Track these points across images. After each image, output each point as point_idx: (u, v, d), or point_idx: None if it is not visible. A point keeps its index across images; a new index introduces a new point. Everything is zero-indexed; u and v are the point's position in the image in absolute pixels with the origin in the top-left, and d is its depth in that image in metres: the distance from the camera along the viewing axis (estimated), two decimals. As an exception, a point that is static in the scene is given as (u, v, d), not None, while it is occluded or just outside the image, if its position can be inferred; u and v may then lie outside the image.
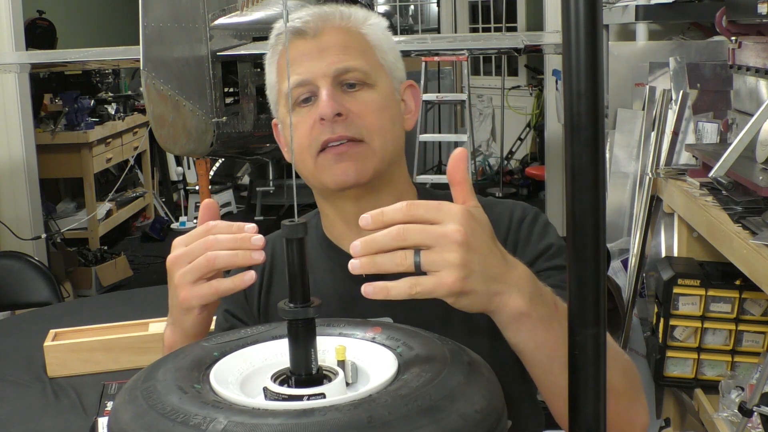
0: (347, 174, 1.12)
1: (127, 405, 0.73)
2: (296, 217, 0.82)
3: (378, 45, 1.18)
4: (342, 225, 1.20)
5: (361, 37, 1.17)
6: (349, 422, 0.66)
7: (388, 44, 1.21)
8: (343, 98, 1.13)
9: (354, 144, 1.12)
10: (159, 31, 3.02)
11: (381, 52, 1.19)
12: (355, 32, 1.17)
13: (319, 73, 1.12)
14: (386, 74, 1.19)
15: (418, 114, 1.25)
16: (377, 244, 0.81)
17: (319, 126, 1.12)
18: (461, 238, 0.80)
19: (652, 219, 2.43)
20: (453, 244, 0.80)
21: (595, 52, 0.63)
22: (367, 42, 1.17)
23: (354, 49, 1.15)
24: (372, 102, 1.14)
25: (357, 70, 1.13)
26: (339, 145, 1.12)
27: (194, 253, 0.93)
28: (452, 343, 0.82)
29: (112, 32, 6.88)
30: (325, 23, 1.15)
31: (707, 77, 2.45)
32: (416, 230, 0.80)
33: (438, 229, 0.80)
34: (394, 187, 1.19)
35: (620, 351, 1.01)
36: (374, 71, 1.16)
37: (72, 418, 1.77)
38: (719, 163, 1.84)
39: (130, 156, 6.00)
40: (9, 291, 2.89)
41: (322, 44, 1.14)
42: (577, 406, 0.68)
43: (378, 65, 1.17)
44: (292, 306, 0.78)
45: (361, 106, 1.13)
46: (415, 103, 1.25)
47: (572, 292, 0.67)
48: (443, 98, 6.04)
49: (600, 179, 0.65)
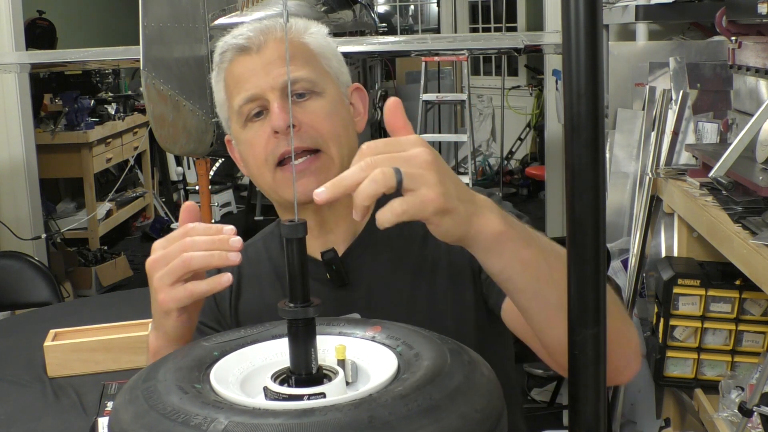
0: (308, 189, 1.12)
1: (127, 405, 0.74)
2: (296, 218, 0.82)
3: (321, 53, 1.20)
4: None
5: (303, 47, 1.19)
6: (350, 422, 0.66)
7: (331, 51, 1.22)
8: (294, 110, 1.14)
9: (313, 159, 1.14)
10: (159, 31, 3.02)
11: (325, 59, 1.21)
12: (297, 42, 1.19)
13: (267, 86, 1.14)
14: (332, 80, 1.20)
15: (366, 116, 1.27)
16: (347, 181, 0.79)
17: (274, 139, 1.14)
18: (430, 158, 0.80)
19: (652, 219, 2.43)
20: (425, 163, 0.79)
21: (595, 52, 0.63)
22: (310, 51, 1.19)
23: (298, 60, 1.17)
24: (322, 109, 1.16)
25: (303, 80, 1.15)
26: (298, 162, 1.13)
27: (171, 256, 0.94)
28: (452, 343, 0.82)
29: (112, 32, 6.87)
30: (266, 37, 1.17)
31: (707, 77, 2.45)
32: (385, 156, 0.79)
33: (406, 153, 0.80)
34: None
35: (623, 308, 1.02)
36: (320, 79, 1.17)
37: (72, 418, 1.77)
38: (719, 163, 1.84)
39: (130, 156, 6.00)
40: (9, 291, 2.89)
41: (266, 58, 1.15)
42: (577, 406, 0.68)
43: (324, 72, 1.19)
44: (292, 306, 0.79)
45: (312, 116, 1.15)
46: (362, 105, 1.27)
47: (572, 292, 0.67)
48: (443, 98, 6.04)
49: (600, 179, 0.65)
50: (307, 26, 1.23)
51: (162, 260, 0.95)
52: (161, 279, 0.94)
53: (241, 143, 1.20)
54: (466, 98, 5.55)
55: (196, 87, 3.15)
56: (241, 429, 0.66)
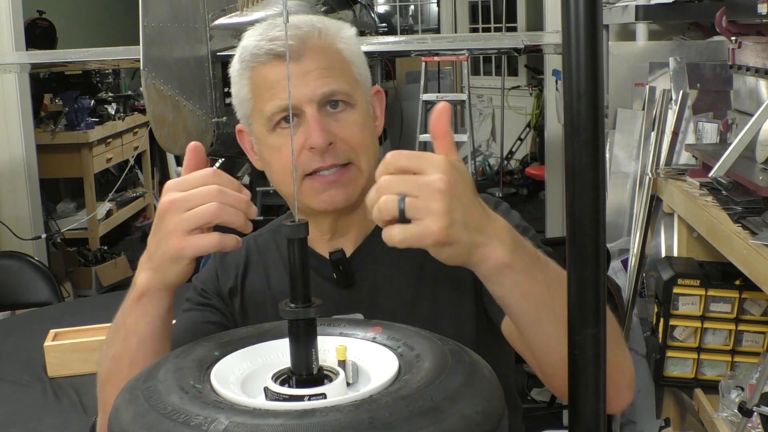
0: (335, 201, 1.15)
1: (128, 405, 0.74)
2: (296, 218, 0.82)
3: (353, 60, 1.19)
4: (314, 233, 1.22)
5: (338, 55, 1.17)
6: (351, 423, 0.66)
7: (360, 56, 1.21)
8: (329, 123, 1.13)
9: (344, 171, 1.14)
10: (159, 31, 3.02)
11: (356, 66, 1.19)
12: (333, 50, 1.17)
13: (304, 98, 1.13)
14: (362, 89, 1.20)
15: (383, 118, 1.26)
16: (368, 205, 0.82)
17: (308, 153, 1.13)
18: (444, 186, 0.80)
19: (652, 219, 2.43)
20: (436, 192, 0.80)
21: (595, 52, 0.63)
22: (344, 59, 1.18)
23: (335, 70, 1.15)
24: (355, 123, 1.16)
25: (340, 92, 1.14)
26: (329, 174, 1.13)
27: (195, 201, 0.89)
28: (453, 344, 0.82)
29: (112, 32, 6.88)
30: (304, 44, 1.14)
31: (707, 77, 2.45)
32: (400, 180, 0.81)
33: (421, 178, 0.80)
34: None
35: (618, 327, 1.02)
36: (353, 89, 1.17)
37: (72, 418, 1.77)
38: (719, 163, 1.84)
39: (130, 156, 6.00)
40: (9, 291, 2.89)
41: (304, 67, 1.13)
42: (577, 406, 0.68)
43: (355, 81, 1.18)
44: (293, 306, 0.79)
45: (346, 130, 1.14)
46: (381, 108, 1.26)
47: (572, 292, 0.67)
48: (443, 98, 6.04)
49: (600, 179, 0.65)
50: (339, 30, 1.20)
51: (183, 203, 0.89)
52: (180, 223, 0.89)
53: (266, 146, 1.18)
54: (466, 98, 5.55)
55: (196, 87, 3.15)
56: (242, 429, 0.66)
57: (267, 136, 1.17)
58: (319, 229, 1.22)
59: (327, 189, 1.14)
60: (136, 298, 0.99)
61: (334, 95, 1.14)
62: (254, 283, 1.25)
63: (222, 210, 0.88)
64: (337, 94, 1.14)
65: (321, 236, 1.22)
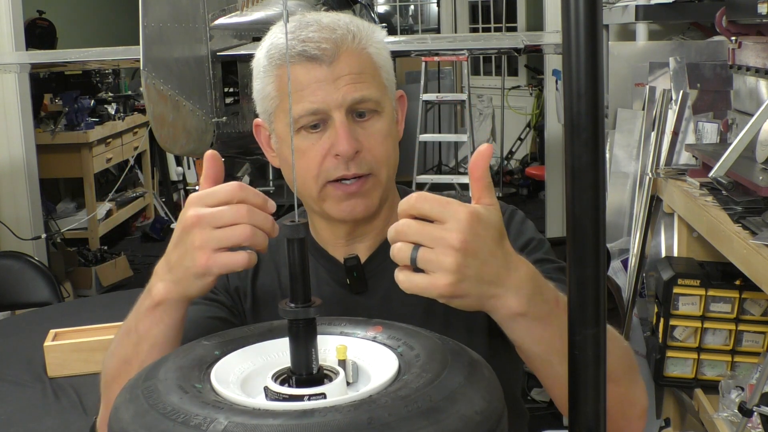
0: (355, 211, 1.13)
1: (128, 404, 0.74)
2: (296, 217, 0.82)
3: (383, 65, 1.16)
4: (329, 237, 1.21)
5: (369, 60, 1.14)
6: (350, 423, 0.66)
7: (389, 60, 1.18)
8: (356, 131, 1.11)
9: (364, 181, 1.13)
10: (159, 31, 3.02)
11: (385, 72, 1.17)
12: (365, 55, 1.14)
13: (334, 103, 1.10)
14: (389, 94, 1.17)
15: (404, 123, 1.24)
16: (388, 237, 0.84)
17: (333, 160, 1.11)
18: (459, 244, 0.80)
19: (652, 219, 2.43)
20: (449, 248, 0.80)
21: (595, 52, 0.63)
22: (374, 64, 1.15)
23: (366, 75, 1.13)
24: (380, 132, 1.13)
25: (370, 99, 1.12)
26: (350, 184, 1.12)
27: (224, 219, 0.87)
28: (453, 343, 0.82)
29: (112, 32, 6.88)
30: (339, 49, 1.11)
31: (707, 77, 2.45)
32: (416, 228, 0.81)
33: (437, 231, 0.81)
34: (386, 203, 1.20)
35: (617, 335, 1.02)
36: (382, 96, 1.14)
37: (72, 418, 1.77)
38: (719, 163, 1.84)
39: (130, 156, 6.00)
40: (9, 291, 2.89)
41: (337, 72, 1.10)
42: (577, 406, 0.68)
43: (383, 87, 1.16)
44: (293, 306, 0.78)
45: (371, 139, 1.12)
46: (402, 112, 1.24)
47: (572, 292, 0.67)
48: (443, 98, 6.04)
49: (600, 179, 0.65)
50: (372, 33, 1.16)
51: (210, 220, 0.87)
52: (208, 241, 0.87)
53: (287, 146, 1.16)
54: (466, 98, 5.55)
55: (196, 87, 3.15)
56: (241, 429, 0.66)
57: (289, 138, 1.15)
58: (335, 234, 1.21)
59: (348, 199, 1.12)
60: (152, 307, 0.97)
61: (364, 102, 1.11)
62: (265, 282, 1.24)
63: (254, 233, 0.87)
64: (367, 101, 1.11)
65: (336, 240, 1.21)
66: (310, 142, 1.12)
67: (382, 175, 1.14)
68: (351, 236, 1.20)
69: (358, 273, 1.18)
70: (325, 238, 1.22)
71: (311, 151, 1.12)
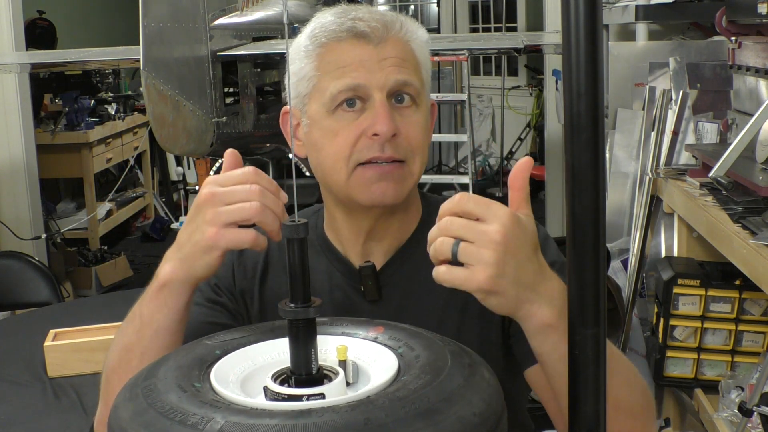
0: (385, 195, 1.11)
1: (127, 403, 0.74)
2: (296, 217, 0.82)
3: (423, 63, 1.16)
4: (349, 233, 1.19)
5: (413, 53, 1.14)
6: (346, 424, 0.66)
7: (429, 62, 1.18)
8: (395, 116, 1.10)
9: (397, 165, 1.10)
10: (159, 31, 3.02)
11: (425, 70, 1.16)
12: (409, 46, 1.13)
13: (377, 83, 1.09)
14: (426, 93, 1.16)
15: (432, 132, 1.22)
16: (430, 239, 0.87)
17: (368, 140, 1.09)
18: (500, 238, 0.83)
19: (652, 219, 2.43)
20: (491, 242, 0.83)
21: (595, 52, 0.63)
22: (417, 58, 1.14)
23: (410, 63, 1.12)
24: (418, 123, 1.12)
25: (413, 85, 1.11)
26: (383, 165, 1.09)
27: (237, 196, 0.91)
28: (454, 345, 0.82)
29: (112, 32, 6.87)
30: (388, 32, 1.11)
31: (707, 77, 2.45)
32: (460, 223, 0.85)
33: (480, 226, 0.84)
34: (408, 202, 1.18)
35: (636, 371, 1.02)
36: (422, 89, 1.14)
37: (72, 418, 1.77)
38: (719, 163, 1.84)
39: (130, 156, 5.99)
40: (9, 291, 2.89)
41: (383, 53, 1.10)
42: (577, 406, 0.68)
43: (423, 83, 1.15)
44: (292, 306, 0.79)
45: (409, 126, 1.11)
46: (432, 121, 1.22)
47: (572, 292, 0.67)
48: (443, 98, 6.03)
49: (600, 179, 0.65)
50: (417, 29, 1.16)
51: (223, 197, 0.91)
52: (218, 215, 0.91)
53: (320, 128, 1.13)
54: (466, 98, 5.55)
55: (196, 87, 3.15)
56: (237, 429, 0.66)
57: (324, 118, 1.12)
58: (355, 230, 1.18)
59: (380, 180, 1.10)
60: (157, 289, 0.99)
61: (406, 86, 1.10)
62: (274, 284, 1.21)
63: (263, 210, 0.90)
64: (409, 86, 1.11)
65: (356, 238, 1.18)
66: (345, 121, 1.10)
67: (415, 166, 1.13)
68: (371, 233, 1.17)
69: (373, 281, 1.16)
70: (344, 236, 1.19)
71: (345, 130, 1.10)
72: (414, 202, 1.21)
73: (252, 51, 3.37)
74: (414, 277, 1.16)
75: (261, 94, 3.56)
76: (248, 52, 3.36)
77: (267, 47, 3.41)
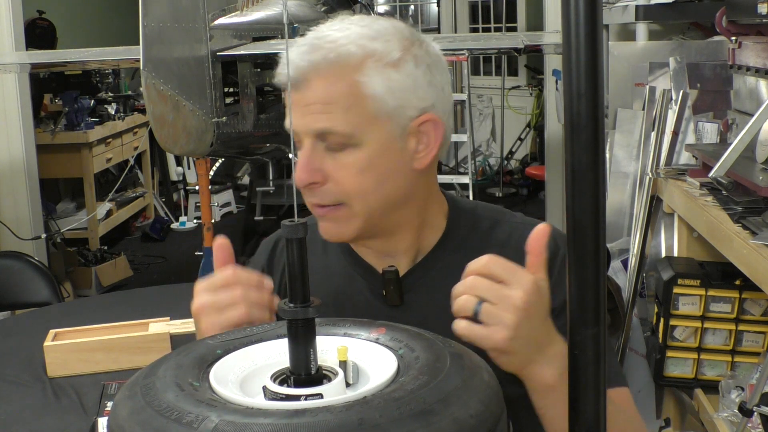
0: (329, 234, 1.13)
1: (126, 401, 0.74)
2: (296, 217, 0.82)
3: (374, 94, 1.04)
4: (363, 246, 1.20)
5: (351, 88, 1.04)
6: (340, 424, 0.66)
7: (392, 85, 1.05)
8: (323, 160, 1.06)
9: (334, 209, 1.09)
10: (159, 31, 3.02)
11: (377, 101, 1.04)
12: (344, 82, 1.04)
13: (302, 129, 1.06)
14: (382, 124, 1.05)
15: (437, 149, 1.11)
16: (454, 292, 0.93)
17: None
18: (522, 304, 0.89)
19: (652, 219, 2.43)
20: (513, 307, 0.89)
21: (595, 52, 0.63)
22: (359, 92, 1.04)
23: (337, 106, 1.04)
24: (354, 164, 1.06)
25: (337, 133, 1.04)
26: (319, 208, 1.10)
27: (223, 303, 0.98)
28: (455, 346, 0.82)
29: (112, 32, 6.87)
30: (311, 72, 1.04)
31: (707, 77, 2.45)
32: (485, 285, 0.90)
33: (504, 290, 0.89)
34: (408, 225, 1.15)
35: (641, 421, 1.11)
36: (360, 128, 1.04)
37: (72, 418, 1.77)
38: (719, 163, 1.84)
39: (130, 156, 5.99)
40: (9, 291, 2.89)
41: (307, 98, 1.04)
42: (577, 406, 0.68)
43: (370, 118, 1.05)
44: (291, 306, 0.78)
45: (341, 171, 1.06)
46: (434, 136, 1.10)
47: (572, 292, 0.67)
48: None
49: (600, 179, 0.65)
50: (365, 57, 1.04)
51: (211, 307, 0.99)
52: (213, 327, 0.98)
53: None
54: (466, 98, 5.55)
55: (196, 87, 3.15)
56: (231, 428, 0.66)
57: None
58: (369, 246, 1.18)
59: (321, 220, 1.11)
60: None
61: (328, 133, 1.04)
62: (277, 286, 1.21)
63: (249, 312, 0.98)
64: (331, 134, 1.04)
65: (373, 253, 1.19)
66: None
67: (356, 207, 1.08)
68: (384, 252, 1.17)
69: (395, 286, 1.15)
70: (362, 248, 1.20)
71: None
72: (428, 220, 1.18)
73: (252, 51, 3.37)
74: (437, 285, 1.14)
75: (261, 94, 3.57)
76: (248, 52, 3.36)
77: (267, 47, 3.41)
